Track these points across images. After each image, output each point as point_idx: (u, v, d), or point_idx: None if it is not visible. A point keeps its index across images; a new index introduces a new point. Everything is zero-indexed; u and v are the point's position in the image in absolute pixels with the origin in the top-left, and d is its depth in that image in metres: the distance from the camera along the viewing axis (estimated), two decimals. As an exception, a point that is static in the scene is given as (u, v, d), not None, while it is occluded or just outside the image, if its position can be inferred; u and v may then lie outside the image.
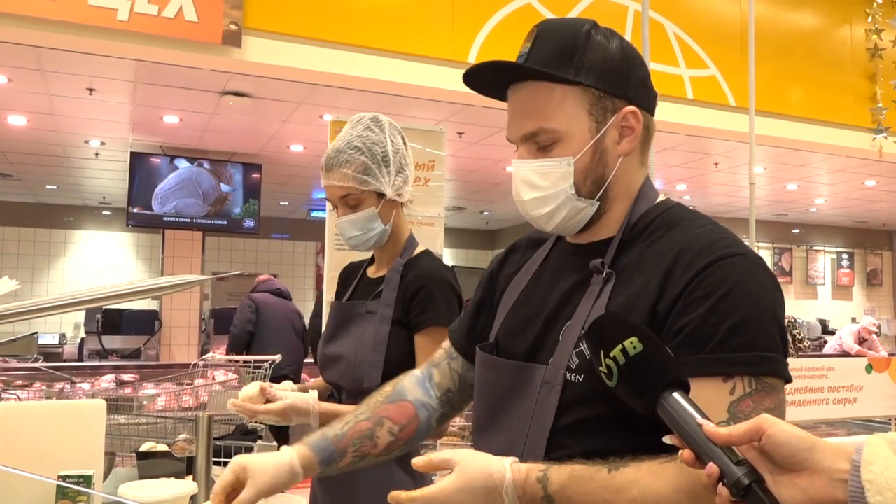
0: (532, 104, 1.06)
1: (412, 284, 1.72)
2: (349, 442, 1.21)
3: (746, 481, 0.73)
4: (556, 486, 0.93)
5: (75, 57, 4.41)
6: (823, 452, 0.74)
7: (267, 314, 5.89)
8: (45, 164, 8.11)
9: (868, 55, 6.06)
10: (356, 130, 1.73)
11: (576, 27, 1.07)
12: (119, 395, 3.86)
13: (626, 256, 1.06)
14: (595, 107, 1.05)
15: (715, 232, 1.03)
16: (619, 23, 5.01)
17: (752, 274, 0.97)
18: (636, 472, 0.91)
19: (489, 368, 1.16)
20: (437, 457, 0.97)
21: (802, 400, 3.17)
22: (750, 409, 0.90)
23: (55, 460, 1.50)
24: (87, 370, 5.89)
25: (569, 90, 1.04)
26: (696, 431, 0.78)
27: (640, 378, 0.84)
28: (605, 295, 1.03)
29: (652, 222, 1.08)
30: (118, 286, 1.16)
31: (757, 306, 0.94)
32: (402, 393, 1.30)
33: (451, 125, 5.72)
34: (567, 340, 1.03)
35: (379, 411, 1.26)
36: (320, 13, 4.22)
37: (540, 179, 1.07)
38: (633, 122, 1.08)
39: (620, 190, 1.10)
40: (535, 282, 1.18)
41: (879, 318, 12.42)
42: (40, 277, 10.74)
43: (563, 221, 1.08)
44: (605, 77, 1.05)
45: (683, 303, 0.95)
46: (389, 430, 1.25)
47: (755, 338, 0.92)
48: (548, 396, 1.02)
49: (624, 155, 1.09)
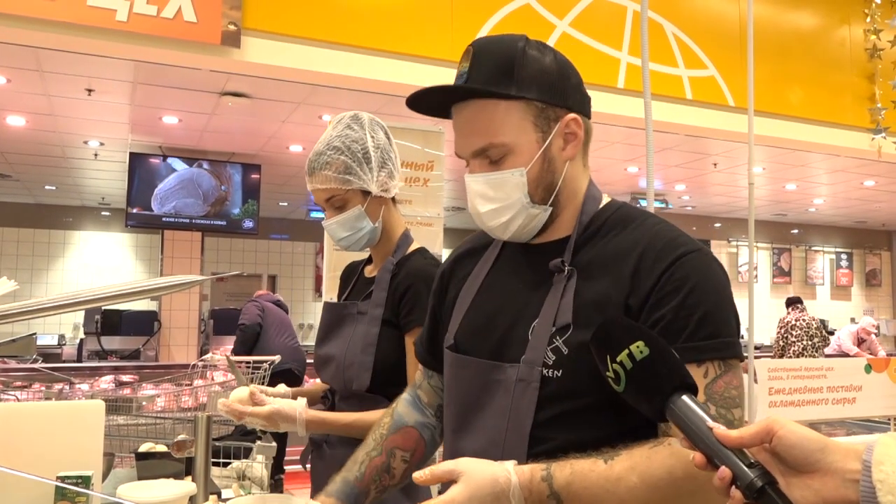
0: (478, 121, 1.11)
1: (401, 284, 1.70)
2: (370, 480, 1.28)
3: (759, 483, 0.72)
4: (562, 483, 0.96)
5: (74, 57, 4.41)
6: (835, 453, 0.74)
7: (270, 316, 6.15)
8: (43, 165, 8.11)
9: (867, 55, 6.07)
10: (336, 131, 1.72)
11: (510, 44, 1.11)
12: (118, 395, 3.86)
13: (584, 255, 1.11)
14: (539, 118, 1.11)
15: (670, 230, 1.11)
16: (618, 23, 5.02)
17: (709, 268, 1.07)
18: (630, 459, 0.96)
19: (459, 367, 1.18)
20: (439, 469, 0.98)
21: (802, 400, 3.17)
22: (722, 388, 1.00)
23: (54, 461, 1.49)
24: (87, 371, 5.90)
25: (512, 105, 1.09)
26: (707, 434, 0.78)
27: (648, 382, 0.85)
28: (569, 291, 1.07)
29: (605, 222, 1.14)
30: (116, 287, 1.15)
31: (718, 297, 1.04)
32: (402, 420, 1.35)
33: (450, 126, 5.72)
34: (538, 338, 1.07)
35: (387, 444, 1.32)
36: (319, 14, 4.22)
37: (494, 192, 1.12)
38: (576, 128, 1.13)
39: (569, 193, 1.16)
40: (490, 282, 1.21)
41: (878, 318, 12.42)
42: (39, 278, 10.74)
43: (519, 229, 1.13)
44: (544, 89, 1.10)
45: (655, 297, 1.03)
46: (402, 458, 1.31)
47: (719, 325, 1.03)
48: (524, 393, 1.06)
49: (570, 160, 1.14)
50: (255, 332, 6.01)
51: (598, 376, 0.96)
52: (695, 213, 11.06)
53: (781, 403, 3.12)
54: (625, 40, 5.01)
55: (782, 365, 3.23)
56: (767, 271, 12.82)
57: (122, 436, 2.71)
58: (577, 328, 1.04)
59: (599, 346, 0.90)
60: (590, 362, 0.98)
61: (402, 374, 1.66)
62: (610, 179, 8.24)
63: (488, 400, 1.10)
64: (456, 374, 1.19)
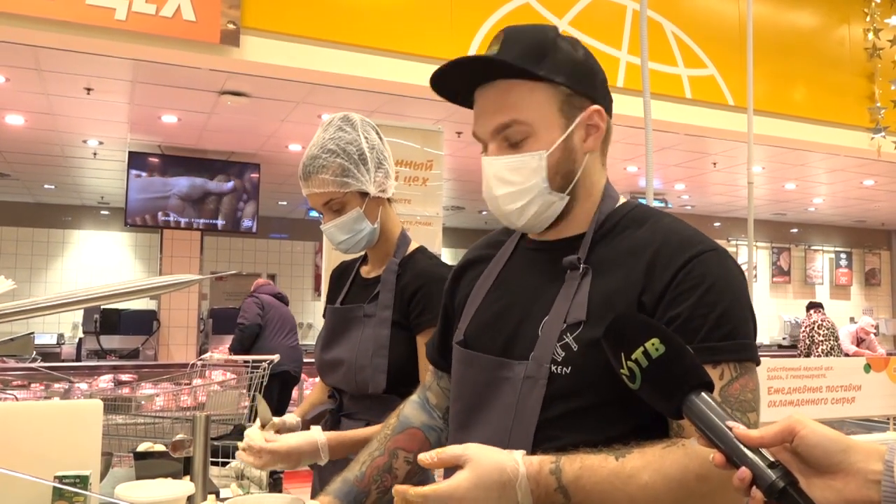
0: (503, 99, 1.09)
1: (410, 285, 1.68)
2: (370, 480, 1.27)
3: (781, 484, 0.71)
4: (570, 477, 0.94)
5: (73, 56, 4.41)
6: (857, 453, 0.73)
7: (271, 313, 6.11)
8: (42, 164, 8.10)
9: (866, 55, 6.07)
10: (328, 133, 1.68)
11: (542, 32, 1.11)
12: (117, 395, 3.85)
13: (598, 252, 1.09)
14: (565, 104, 1.09)
15: (686, 228, 1.09)
16: (617, 22, 5.02)
17: (727, 267, 1.04)
18: (643, 457, 0.94)
19: (467, 364, 1.17)
20: (446, 453, 0.96)
21: (801, 400, 3.17)
22: (738, 391, 0.97)
23: (51, 461, 1.49)
24: (86, 370, 5.90)
25: (539, 87, 1.08)
26: (726, 434, 0.77)
27: (665, 380, 0.83)
28: (584, 288, 1.05)
29: (620, 220, 1.13)
30: (113, 286, 1.15)
31: (735, 297, 1.02)
32: (408, 421, 1.34)
33: (450, 125, 5.72)
34: (548, 334, 1.05)
35: (390, 445, 1.31)
36: (318, 12, 4.22)
37: (512, 175, 1.10)
38: (599, 120, 1.12)
39: (587, 187, 1.14)
40: (502, 279, 1.20)
41: (878, 317, 12.44)
42: (38, 277, 10.73)
43: (535, 216, 1.11)
44: (573, 76, 1.09)
45: (671, 295, 1.01)
46: (405, 459, 1.30)
47: (737, 326, 1.00)
48: (531, 390, 1.04)
49: (590, 152, 1.14)
50: (255, 332, 5.97)
51: (608, 374, 0.94)
52: (694, 212, 11.06)
53: (780, 403, 3.12)
54: (624, 39, 5.01)
55: (781, 364, 3.23)
56: (767, 270, 12.82)
57: (120, 435, 2.71)
58: (589, 325, 1.02)
59: (613, 344, 0.88)
60: (600, 359, 0.97)
61: (414, 374, 1.65)
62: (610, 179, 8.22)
63: (494, 397, 1.09)
64: (463, 370, 1.18)
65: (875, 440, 1.62)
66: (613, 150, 1.22)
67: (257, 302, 6.14)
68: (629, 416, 0.99)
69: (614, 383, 0.96)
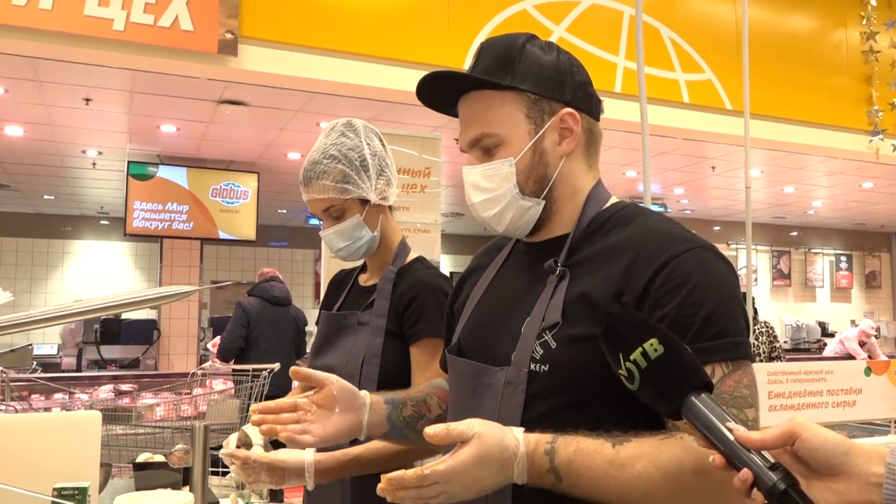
0: (475, 112, 1.13)
1: (405, 294, 1.66)
2: (407, 397, 1.32)
3: (783, 486, 0.71)
4: (563, 459, 0.94)
5: (71, 67, 4.42)
6: (858, 456, 0.73)
7: (259, 324, 5.59)
8: (42, 175, 8.11)
9: (863, 58, 6.08)
10: (330, 139, 1.67)
11: (512, 41, 1.14)
12: (117, 405, 3.84)
13: (581, 253, 1.10)
14: (532, 110, 1.12)
15: (672, 227, 1.08)
16: (614, 28, 5.03)
17: (712, 264, 1.03)
18: (639, 447, 0.93)
19: (456, 371, 1.20)
20: (455, 429, 0.93)
21: (801, 403, 3.16)
22: (731, 388, 0.96)
23: (50, 472, 1.48)
24: (86, 380, 5.88)
25: (507, 96, 1.11)
26: (726, 436, 0.76)
27: (664, 381, 0.82)
28: (560, 291, 1.06)
29: (607, 220, 1.13)
30: (110, 298, 1.15)
31: (724, 294, 1.00)
32: (440, 384, 1.38)
33: (448, 132, 5.72)
34: (527, 336, 1.06)
35: (424, 389, 1.36)
36: (316, 21, 4.23)
37: (486, 182, 1.13)
38: (572, 123, 1.13)
39: (566, 190, 1.15)
40: (495, 284, 1.23)
41: (878, 320, 12.42)
42: (38, 288, 10.73)
43: (513, 222, 1.14)
44: (539, 82, 1.11)
45: (655, 296, 1.00)
46: (438, 403, 1.34)
47: (726, 324, 0.98)
48: (512, 396, 1.05)
49: (565, 155, 1.14)
50: (234, 352, 5.49)
51: (588, 372, 0.95)
52: (693, 216, 11.07)
53: (781, 407, 3.11)
54: (621, 45, 5.02)
55: (781, 368, 3.22)
56: (767, 274, 12.81)
57: (120, 446, 2.70)
58: (566, 324, 1.03)
59: (611, 344, 0.87)
60: (578, 356, 0.98)
61: (406, 385, 1.63)
62: (608, 184, 8.14)
63: (479, 405, 1.10)
64: (454, 378, 1.20)
65: (877, 443, 1.61)
66: (612, 155, 1.23)
67: (242, 318, 5.51)
68: (613, 416, 0.98)
69: (596, 381, 0.98)
